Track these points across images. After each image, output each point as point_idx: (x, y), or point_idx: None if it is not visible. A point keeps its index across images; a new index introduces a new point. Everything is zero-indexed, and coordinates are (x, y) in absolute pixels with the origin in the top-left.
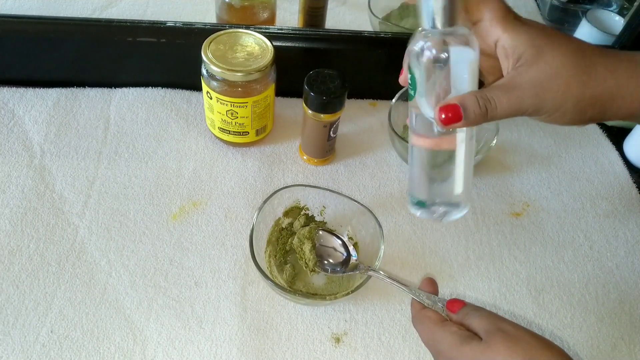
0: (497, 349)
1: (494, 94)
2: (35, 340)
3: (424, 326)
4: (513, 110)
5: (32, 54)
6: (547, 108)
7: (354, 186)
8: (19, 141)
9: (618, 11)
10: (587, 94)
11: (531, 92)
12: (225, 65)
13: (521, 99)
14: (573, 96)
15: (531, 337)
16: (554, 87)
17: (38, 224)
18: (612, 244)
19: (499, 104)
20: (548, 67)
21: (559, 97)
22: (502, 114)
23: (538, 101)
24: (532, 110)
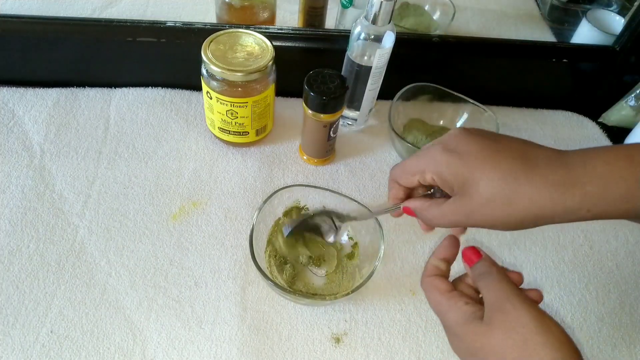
0: (495, 332)
1: (436, 215)
2: (35, 340)
3: (431, 295)
4: (453, 226)
5: (32, 53)
6: (482, 226)
7: (354, 186)
8: (18, 141)
9: (618, 11)
10: (512, 218)
11: (463, 218)
12: (225, 65)
13: (460, 222)
14: (498, 221)
15: (531, 321)
16: (482, 216)
17: (38, 224)
18: (612, 245)
19: (440, 222)
20: (476, 198)
21: (487, 220)
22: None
23: (474, 223)
24: (471, 226)
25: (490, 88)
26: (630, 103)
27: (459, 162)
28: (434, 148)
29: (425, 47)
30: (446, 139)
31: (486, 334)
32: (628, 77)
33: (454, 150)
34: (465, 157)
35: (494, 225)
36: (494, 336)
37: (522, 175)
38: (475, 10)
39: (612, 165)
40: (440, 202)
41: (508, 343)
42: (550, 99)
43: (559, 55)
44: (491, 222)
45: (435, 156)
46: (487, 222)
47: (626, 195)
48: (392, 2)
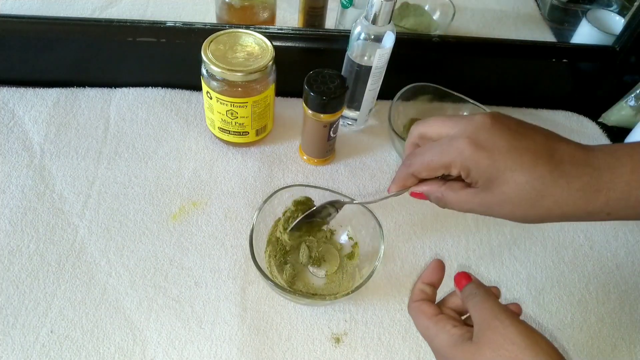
0: (483, 352)
1: (454, 199)
2: (35, 340)
3: (419, 320)
4: (467, 211)
5: (32, 53)
6: (504, 217)
7: (354, 186)
8: (18, 141)
9: (618, 11)
10: (533, 216)
11: (481, 209)
12: (225, 65)
13: (477, 210)
14: (517, 216)
15: (519, 337)
16: (501, 210)
17: (38, 224)
18: (612, 245)
19: (456, 207)
20: (500, 195)
21: (506, 214)
22: (455, 209)
23: (491, 214)
24: (489, 215)
25: (490, 88)
26: (630, 103)
27: (488, 160)
28: (460, 141)
29: (425, 47)
30: (473, 131)
31: (475, 354)
32: (628, 77)
33: (481, 145)
34: (495, 154)
35: (513, 219)
36: (484, 355)
37: (548, 178)
38: (475, 10)
39: (638, 171)
40: (456, 187)
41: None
42: (550, 98)
43: (559, 55)
44: (511, 217)
45: (464, 151)
46: (507, 216)
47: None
48: (392, 2)
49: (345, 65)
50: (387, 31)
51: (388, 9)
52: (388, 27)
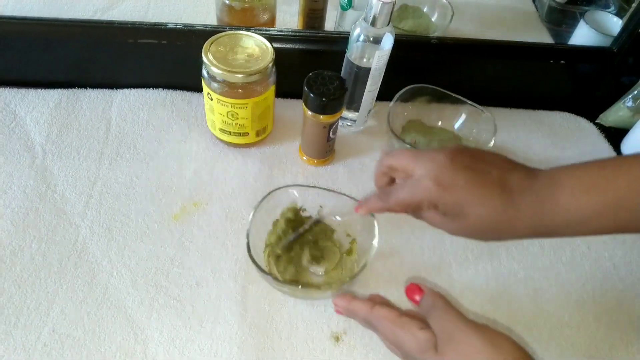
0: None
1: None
2: (37, 339)
3: (384, 327)
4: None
5: (34, 55)
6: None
7: (354, 186)
8: (20, 142)
9: (616, 13)
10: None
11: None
12: (225, 66)
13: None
14: (483, 239)
15: (481, 343)
16: (468, 235)
17: (40, 224)
18: (610, 245)
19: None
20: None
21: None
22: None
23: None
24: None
25: (489, 89)
26: (628, 104)
27: (451, 198)
28: (426, 183)
29: (424, 49)
30: (435, 172)
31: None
32: (625, 78)
33: (444, 185)
34: (456, 191)
35: (480, 240)
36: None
37: (500, 209)
38: (474, 12)
39: (576, 197)
40: (437, 212)
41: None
42: (548, 100)
43: (556, 57)
44: (477, 239)
45: (430, 191)
46: (473, 238)
47: (588, 219)
48: (391, 4)
49: (344, 66)
50: (386, 33)
51: (387, 10)
52: (387, 29)
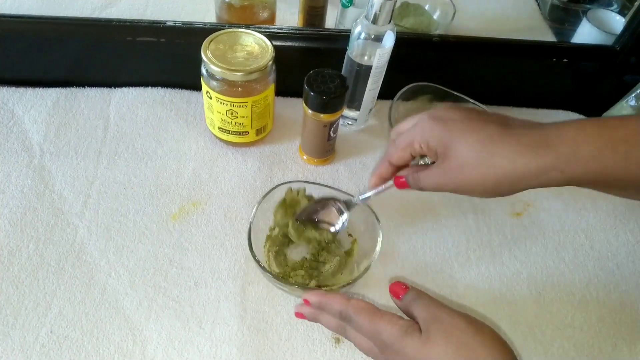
0: (435, 339)
1: (423, 176)
2: (35, 340)
3: (362, 319)
4: (438, 189)
5: (31, 53)
6: (463, 190)
7: (354, 186)
8: (18, 141)
9: (619, 11)
10: (488, 180)
11: (444, 180)
12: (225, 64)
13: (443, 184)
14: (476, 182)
15: (466, 324)
16: (461, 177)
17: (37, 224)
18: (613, 244)
19: (426, 184)
20: (455, 160)
21: (471, 180)
22: (429, 189)
23: (455, 185)
24: (453, 190)
25: (491, 88)
26: (631, 103)
27: (443, 128)
28: (421, 117)
29: (426, 47)
30: (433, 110)
31: (426, 344)
32: (628, 76)
33: (437, 118)
34: (449, 123)
35: (473, 189)
36: (436, 344)
37: (497, 139)
38: (476, 9)
39: (583, 129)
40: (430, 166)
41: (450, 348)
42: (551, 98)
43: (559, 55)
44: (469, 184)
45: (423, 125)
46: (466, 185)
47: (596, 155)
48: (392, 2)
49: (345, 65)
50: (388, 31)
51: (388, 8)
52: (388, 27)
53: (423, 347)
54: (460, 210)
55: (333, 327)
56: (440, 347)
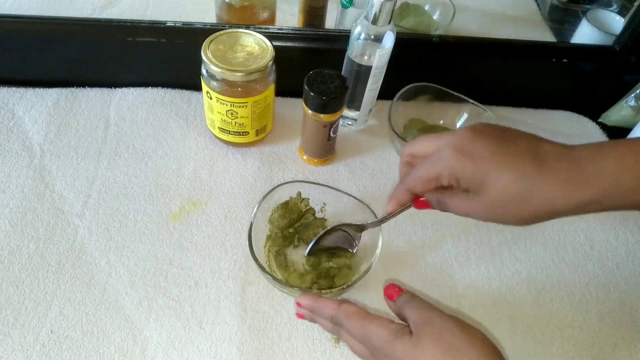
0: (425, 343)
1: (452, 203)
2: (35, 340)
3: (352, 323)
4: (467, 216)
5: (32, 53)
6: (498, 221)
7: (354, 186)
8: (18, 141)
9: (618, 11)
10: (526, 214)
11: (477, 213)
12: (225, 65)
13: (476, 215)
14: (512, 217)
15: (456, 327)
16: (495, 213)
17: (38, 224)
18: (613, 244)
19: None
20: (490, 197)
21: (500, 217)
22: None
23: (490, 218)
24: (485, 220)
25: (491, 88)
26: (630, 103)
27: (474, 166)
28: (446, 153)
29: (425, 47)
30: (457, 142)
31: (417, 347)
32: (628, 77)
33: (466, 153)
34: (479, 160)
35: (509, 222)
36: (425, 347)
37: (534, 174)
38: (476, 10)
39: (622, 161)
40: (459, 192)
41: (439, 350)
42: (551, 98)
43: (559, 55)
44: (506, 219)
45: (450, 161)
46: (503, 219)
47: (636, 187)
48: (392, 2)
49: (345, 65)
50: (387, 31)
51: (388, 9)
52: (388, 27)
53: (413, 350)
54: None
55: (329, 329)
56: (430, 350)
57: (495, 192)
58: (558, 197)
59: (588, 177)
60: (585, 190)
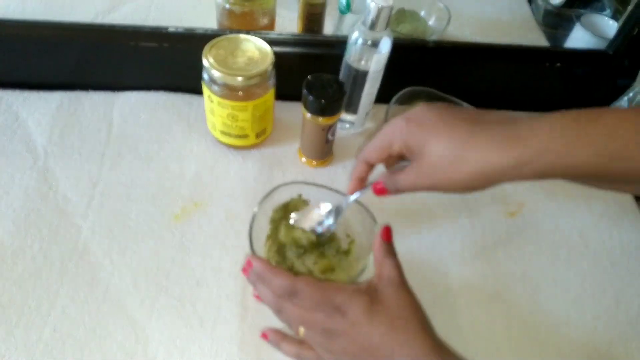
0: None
1: (401, 177)
2: (39, 339)
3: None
4: (414, 188)
5: (36, 57)
6: (439, 187)
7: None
8: (22, 143)
9: (611, 15)
10: (462, 176)
11: (421, 180)
12: (225, 69)
13: (419, 183)
14: (454, 179)
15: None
16: (437, 176)
17: (41, 224)
18: (607, 244)
19: (403, 184)
20: (429, 159)
21: (445, 177)
22: (406, 190)
23: (431, 183)
24: (429, 188)
25: (485, 92)
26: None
27: (417, 129)
28: (397, 120)
29: (421, 52)
30: (409, 112)
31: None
32: (621, 80)
33: (414, 120)
34: (424, 124)
35: (447, 186)
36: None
37: (470, 135)
38: (470, 15)
39: (557, 123)
40: (406, 168)
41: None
42: (545, 102)
43: (553, 60)
44: (443, 181)
45: (400, 127)
46: (440, 182)
47: (568, 150)
48: (389, 9)
49: (343, 69)
50: (384, 36)
51: (385, 15)
52: (385, 33)
53: (371, 307)
54: (455, 209)
55: (268, 301)
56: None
57: (432, 156)
58: (491, 157)
59: (520, 138)
60: (518, 150)
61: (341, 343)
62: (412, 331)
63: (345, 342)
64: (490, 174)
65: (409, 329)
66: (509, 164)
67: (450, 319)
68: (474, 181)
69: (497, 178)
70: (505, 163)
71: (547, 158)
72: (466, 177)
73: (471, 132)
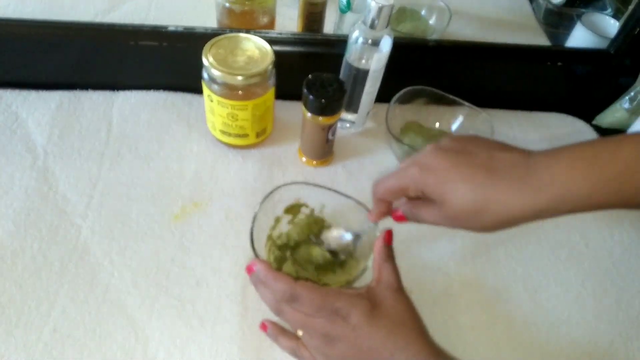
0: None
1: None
2: (38, 339)
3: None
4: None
5: (35, 57)
6: (464, 229)
7: (352, 187)
8: (22, 143)
9: (613, 14)
10: (487, 223)
11: (445, 222)
12: (225, 69)
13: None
14: (476, 225)
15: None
16: (460, 222)
17: (41, 224)
18: (608, 243)
19: (426, 220)
20: (452, 209)
21: (470, 225)
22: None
23: (456, 227)
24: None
25: (486, 91)
26: (625, 105)
27: (433, 179)
28: (411, 169)
29: (422, 51)
30: (420, 158)
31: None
32: (622, 79)
33: (427, 167)
34: (439, 173)
35: (474, 229)
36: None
37: (488, 184)
38: (471, 14)
39: (574, 167)
40: (427, 203)
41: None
42: (545, 101)
43: (554, 59)
44: (468, 227)
45: (414, 175)
46: (467, 227)
47: (589, 194)
48: (389, 8)
49: (343, 69)
50: (385, 35)
51: (385, 13)
52: (385, 32)
53: (372, 310)
54: None
55: (269, 304)
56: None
57: (454, 203)
58: (513, 205)
59: (540, 184)
60: (539, 198)
61: (340, 348)
62: (411, 336)
63: (344, 346)
64: (516, 219)
65: (408, 333)
66: (533, 212)
67: (450, 319)
68: (501, 225)
69: (521, 222)
70: (529, 211)
71: (569, 203)
72: (490, 225)
73: (490, 183)
